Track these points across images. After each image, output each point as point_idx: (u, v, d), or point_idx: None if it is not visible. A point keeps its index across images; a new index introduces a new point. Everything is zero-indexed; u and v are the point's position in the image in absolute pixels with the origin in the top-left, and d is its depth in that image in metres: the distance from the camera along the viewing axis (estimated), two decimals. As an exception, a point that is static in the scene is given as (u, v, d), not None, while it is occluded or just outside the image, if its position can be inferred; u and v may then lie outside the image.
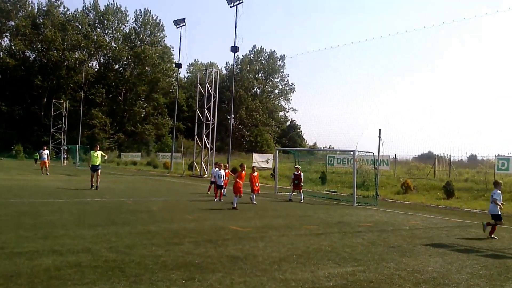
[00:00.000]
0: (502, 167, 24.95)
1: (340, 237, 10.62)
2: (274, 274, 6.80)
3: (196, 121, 41.20)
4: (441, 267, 7.86)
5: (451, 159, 27.99)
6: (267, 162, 40.00)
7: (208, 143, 38.59)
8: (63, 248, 7.95)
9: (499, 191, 11.61)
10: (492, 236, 11.31)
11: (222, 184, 18.35)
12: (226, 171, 19.75)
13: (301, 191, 19.76)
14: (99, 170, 20.56)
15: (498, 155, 25.65)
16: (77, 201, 16.06)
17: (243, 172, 16.76)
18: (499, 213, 11.51)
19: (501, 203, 11.57)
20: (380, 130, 23.13)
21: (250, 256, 7.97)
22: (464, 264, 8.26)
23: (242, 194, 16.17)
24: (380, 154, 23.32)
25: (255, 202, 17.44)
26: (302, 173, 20.11)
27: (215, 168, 19.22)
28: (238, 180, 16.29)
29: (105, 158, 21.69)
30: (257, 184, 17.73)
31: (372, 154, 20.24)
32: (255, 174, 18.03)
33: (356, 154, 19.16)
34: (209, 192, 20.57)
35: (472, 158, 30.75)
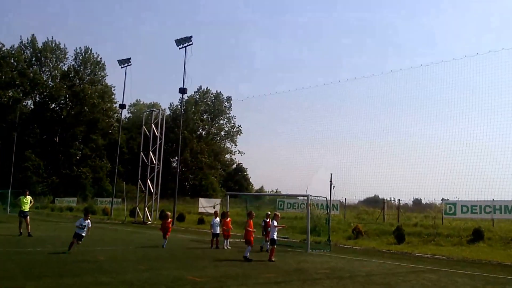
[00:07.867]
0: (449, 212, 25.77)
1: (300, 285, 10.53)
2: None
3: (140, 164, 39.79)
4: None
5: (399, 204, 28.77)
6: (214, 207, 39.27)
7: (152, 187, 37.52)
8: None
9: None
10: None
11: (217, 232, 18.57)
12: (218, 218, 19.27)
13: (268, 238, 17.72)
14: (28, 217, 20.06)
15: (443, 199, 26.68)
16: (18, 250, 15.15)
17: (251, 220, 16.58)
18: None
19: None
20: (331, 174, 23.66)
21: (215, 309, 7.74)
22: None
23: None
24: (331, 198, 23.65)
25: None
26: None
27: (215, 218, 19.17)
28: (249, 229, 15.90)
29: (32, 204, 21.11)
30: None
31: (325, 199, 20.43)
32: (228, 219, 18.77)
33: (310, 198, 19.21)
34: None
35: (417, 202, 31.87)
